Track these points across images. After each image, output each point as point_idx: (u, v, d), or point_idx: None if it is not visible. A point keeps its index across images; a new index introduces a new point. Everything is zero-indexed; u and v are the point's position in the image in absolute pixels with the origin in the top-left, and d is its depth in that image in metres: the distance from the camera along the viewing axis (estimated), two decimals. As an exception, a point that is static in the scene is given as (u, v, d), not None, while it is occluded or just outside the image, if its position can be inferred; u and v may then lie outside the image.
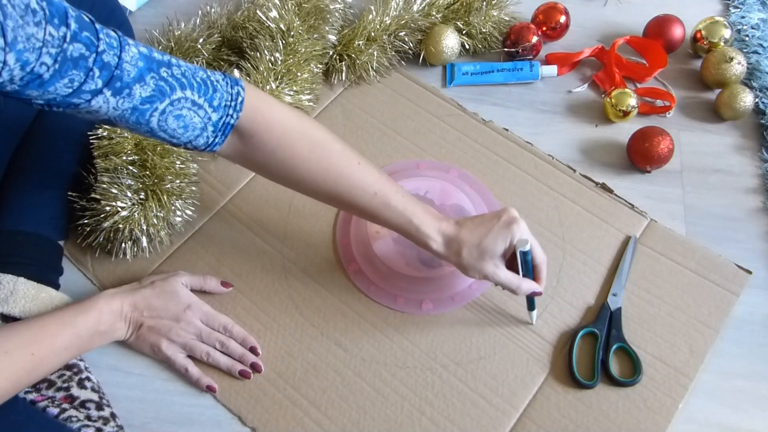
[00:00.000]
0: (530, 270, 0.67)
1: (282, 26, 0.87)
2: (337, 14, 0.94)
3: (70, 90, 0.50)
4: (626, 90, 0.88)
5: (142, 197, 0.74)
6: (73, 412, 0.64)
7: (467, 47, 0.96)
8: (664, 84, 0.94)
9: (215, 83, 0.58)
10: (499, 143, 0.87)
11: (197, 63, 0.87)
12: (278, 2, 0.89)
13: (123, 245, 0.75)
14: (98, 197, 0.73)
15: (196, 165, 0.82)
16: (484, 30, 0.95)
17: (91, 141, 0.76)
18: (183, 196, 0.78)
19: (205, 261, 0.78)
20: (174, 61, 0.56)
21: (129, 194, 0.73)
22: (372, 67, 0.92)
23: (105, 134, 0.76)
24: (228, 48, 0.92)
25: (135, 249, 0.76)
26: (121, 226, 0.73)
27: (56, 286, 0.73)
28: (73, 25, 0.48)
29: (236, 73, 0.84)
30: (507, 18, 0.97)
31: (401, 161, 0.86)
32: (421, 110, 0.90)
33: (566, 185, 0.83)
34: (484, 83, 0.94)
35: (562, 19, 0.96)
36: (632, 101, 0.87)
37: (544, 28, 0.96)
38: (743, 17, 0.99)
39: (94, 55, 0.50)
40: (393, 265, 0.75)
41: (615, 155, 0.87)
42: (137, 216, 0.73)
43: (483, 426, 0.67)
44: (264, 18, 0.87)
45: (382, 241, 0.77)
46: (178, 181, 0.77)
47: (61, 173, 0.77)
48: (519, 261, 0.65)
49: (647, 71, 0.93)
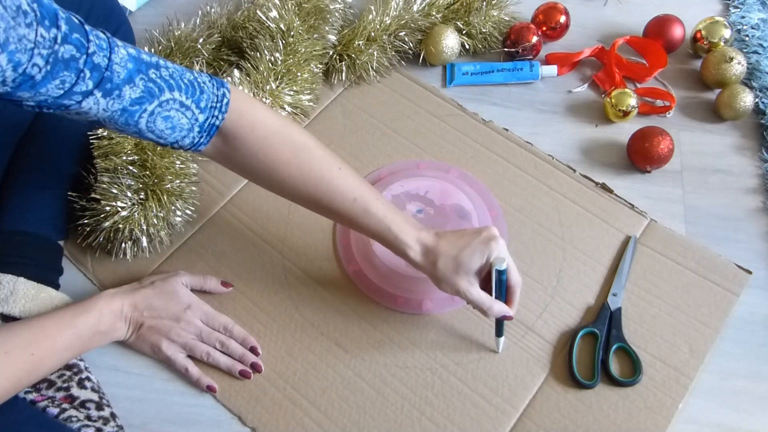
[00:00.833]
0: (504, 292, 0.65)
1: (282, 26, 0.87)
2: (337, 14, 0.94)
3: (62, 91, 0.50)
4: (626, 90, 0.88)
5: (142, 197, 0.74)
6: (73, 412, 0.64)
7: (467, 47, 0.96)
8: (664, 84, 0.94)
9: (202, 85, 0.59)
10: (499, 143, 0.87)
11: (197, 63, 0.87)
12: (278, 2, 0.89)
13: (123, 245, 0.75)
14: (98, 197, 0.73)
15: (196, 165, 0.82)
16: (484, 30, 0.95)
17: (91, 141, 0.76)
18: (183, 196, 0.78)
19: (205, 261, 0.78)
20: (162, 63, 0.56)
21: (129, 194, 0.73)
22: (372, 67, 0.92)
23: (105, 134, 0.76)
24: (228, 48, 0.92)
25: (135, 249, 0.76)
26: (121, 226, 0.73)
27: (56, 286, 0.73)
28: (64, 27, 0.48)
29: (236, 73, 0.84)
30: (507, 18, 0.98)
31: (401, 161, 0.86)
32: (421, 110, 0.90)
33: (566, 185, 0.83)
34: (484, 83, 0.94)
35: (562, 19, 0.96)
36: (632, 101, 0.87)
37: (544, 28, 0.96)
38: (743, 17, 0.99)
39: (85, 57, 0.50)
40: (393, 265, 0.75)
41: (615, 155, 0.87)
42: (137, 216, 0.73)
43: (483, 426, 0.67)
44: (264, 18, 0.87)
45: (382, 241, 0.77)
46: (178, 181, 0.77)
47: (61, 173, 0.77)
48: (493, 280, 0.64)
49: (647, 71, 0.93)
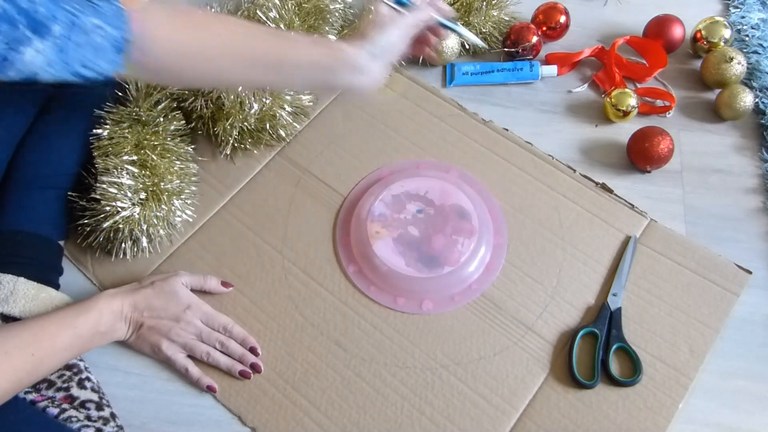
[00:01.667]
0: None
1: (282, 26, 0.87)
2: (337, 14, 0.94)
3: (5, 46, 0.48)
4: (626, 90, 0.88)
5: (142, 197, 0.74)
6: (73, 412, 0.64)
7: (467, 47, 0.96)
8: (664, 84, 0.94)
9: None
10: (499, 143, 0.87)
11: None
12: (278, 2, 0.88)
13: (123, 245, 0.75)
14: (98, 197, 0.73)
15: (196, 165, 0.82)
16: (484, 30, 0.95)
17: (91, 141, 0.76)
18: (183, 196, 0.78)
19: (205, 261, 0.78)
20: None
21: (129, 194, 0.73)
22: (372, 67, 0.92)
23: (105, 134, 0.76)
24: (228, 48, 0.92)
25: (135, 249, 0.76)
26: (121, 226, 0.73)
27: (56, 286, 0.73)
28: None
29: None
30: (507, 18, 0.97)
31: (401, 161, 0.86)
32: (421, 110, 0.90)
33: (566, 185, 0.83)
34: (484, 83, 0.93)
35: (562, 19, 0.96)
36: (632, 101, 0.87)
37: (544, 28, 0.96)
38: (743, 17, 0.99)
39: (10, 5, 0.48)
40: (393, 265, 0.75)
41: (615, 155, 0.87)
42: (137, 216, 0.73)
43: (483, 426, 0.67)
44: (264, 18, 0.87)
45: (382, 241, 0.77)
46: (178, 181, 0.77)
47: (61, 173, 0.77)
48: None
49: (647, 71, 0.93)
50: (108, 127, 0.76)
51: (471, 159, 0.86)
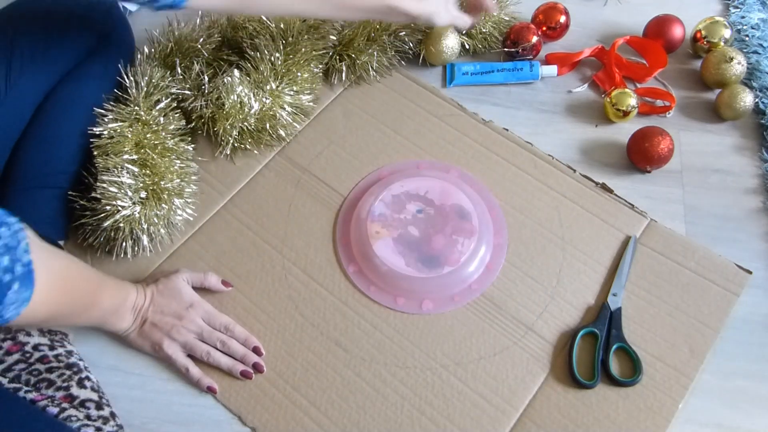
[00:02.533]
0: None
1: (282, 26, 0.87)
2: (338, 14, 0.94)
3: None
4: (626, 90, 0.88)
5: (143, 196, 0.74)
6: (73, 412, 0.64)
7: (467, 47, 0.96)
8: (664, 84, 0.94)
9: None
10: (499, 143, 0.87)
11: (197, 63, 0.87)
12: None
13: (124, 244, 0.75)
14: (98, 196, 0.73)
15: (197, 165, 0.82)
16: (484, 30, 0.95)
17: (91, 140, 0.76)
18: (183, 196, 0.78)
19: (205, 261, 0.78)
20: None
21: (129, 193, 0.73)
22: (372, 67, 0.92)
23: (105, 133, 0.76)
24: (228, 48, 0.92)
25: (136, 248, 0.76)
26: (122, 225, 0.73)
27: (56, 286, 0.73)
28: None
29: (236, 73, 0.84)
30: (507, 18, 0.97)
31: (401, 161, 0.86)
32: (421, 110, 0.90)
33: (566, 185, 0.83)
34: (484, 83, 0.94)
35: (562, 19, 0.96)
36: (632, 101, 0.87)
37: (544, 28, 0.96)
38: (743, 17, 0.99)
39: None
40: (393, 265, 0.75)
41: (615, 155, 0.87)
42: (138, 215, 0.73)
43: (483, 426, 0.67)
44: (264, 18, 0.87)
45: (382, 241, 0.77)
46: (179, 181, 0.77)
47: (61, 173, 0.77)
48: None
49: (647, 71, 0.93)
50: (108, 126, 0.76)
51: (471, 159, 0.86)
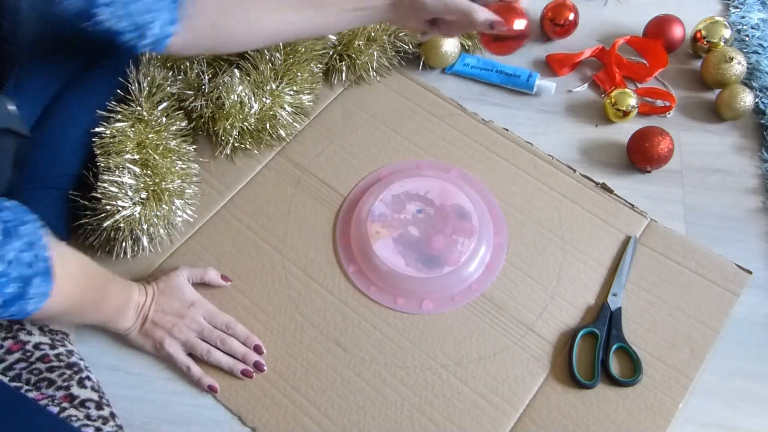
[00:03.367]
0: None
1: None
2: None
3: None
4: (626, 90, 0.88)
5: (144, 197, 0.74)
6: (73, 411, 0.64)
7: (467, 48, 0.96)
8: (664, 84, 0.94)
9: None
10: (499, 143, 0.87)
11: (197, 63, 0.87)
12: (278, 2, 0.89)
13: (124, 244, 0.75)
14: (99, 196, 0.73)
15: (197, 165, 0.82)
16: (484, 30, 0.95)
17: (93, 140, 0.76)
18: (184, 196, 0.78)
19: (205, 261, 0.78)
20: None
21: (130, 193, 0.73)
22: (372, 67, 0.92)
23: (107, 133, 0.76)
24: (228, 48, 0.92)
25: (136, 248, 0.76)
26: (122, 225, 0.73)
27: (56, 286, 0.73)
28: None
29: (236, 73, 0.84)
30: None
31: (401, 161, 0.86)
32: (421, 110, 0.90)
33: (566, 185, 0.83)
34: (481, 79, 0.94)
35: (571, 17, 0.95)
36: (632, 101, 0.87)
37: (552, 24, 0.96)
38: (743, 17, 0.99)
39: None
40: (393, 265, 0.75)
41: (615, 155, 0.87)
42: (138, 215, 0.73)
43: (483, 426, 0.67)
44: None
45: (382, 241, 0.77)
46: (179, 181, 0.77)
47: (63, 174, 0.77)
48: None
49: (647, 71, 0.93)
50: (111, 126, 0.76)
51: (471, 159, 0.86)
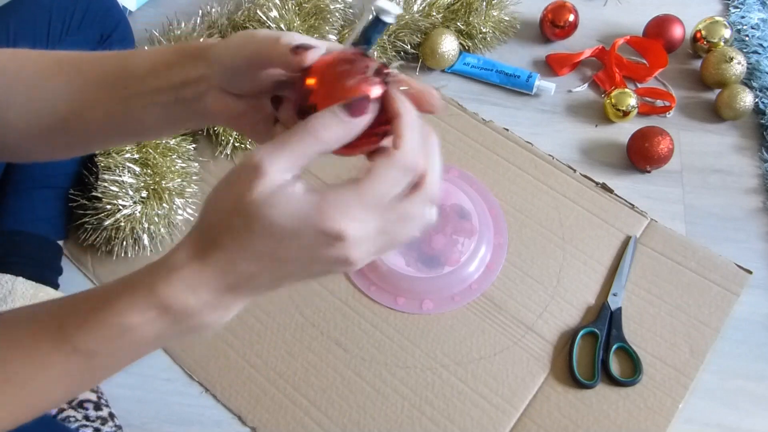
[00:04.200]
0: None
1: (282, 26, 0.87)
2: (337, 14, 0.94)
3: None
4: (626, 90, 0.88)
5: (144, 196, 0.74)
6: (71, 412, 0.64)
7: (467, 48, 0.96)
8: (664, 84, 0.94)
9: None
10: (499, 143, 0.87)
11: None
12: (278, 2, 0.88)
13: (124, 243, 0.75)
14: (99, 195, 0.73)
15: (197, 164, 0.82)
16: (484, 30, 0.95)
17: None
18: (184, 196, 0.78)
19: (205, 260, 0.78)
20: None
21: (130, 192, 0.73)
22: (372, 67, 0.92)
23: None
24: (228, 47, 0.92)
25: (136, 248, 0.76)
26: (123, 224, 0.73)
27: (55, 286, 0.73)
28: None
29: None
30: (507, 18, 0.97)
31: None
32: (422, 110, 0.90)
33: (566, 185, 0.83)
34: (480, 78, 0.94)
35: (571, 18, 0.95)
36: (632, 101, 0.87)
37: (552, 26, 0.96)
38: (743, 17, 0.99)
39: None
40: (393, 265, 0.75)
41: (615, 155, 0.87)
42: (138, 214, 0.73)
43: (483, 426, 0.67)
44: (264, 18, 0.87)
45: (383, 241, 0.77)
46: (180, 180, 0.77)
47: (62, 173, 0.77)
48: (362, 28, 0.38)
49: (647, 71, 0.93)
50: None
51: (471, 159, 0.86)
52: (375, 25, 0.38)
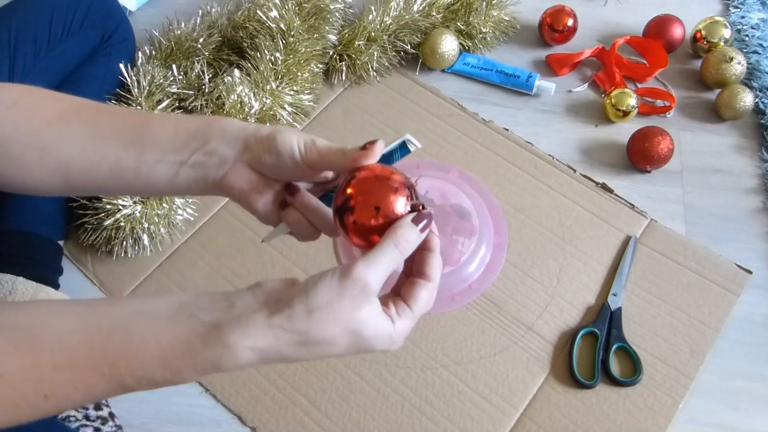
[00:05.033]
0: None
1: (282, 26, 0.87)
2: (338, 14, 0.94)
3: None
4: (626, 90, 0.88)
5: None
6: (72, 412, 0.64)
7: (467, 48, 0.96)
8: (664, 84, 0.94)
9: None
10: (499, 143, 0.87)
11: (198, 63, 0.87)
12: (278, 2, 0.89)
13: (124, 243, 0.75)
14: (99, 195, 0.73)
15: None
16: (484, 30, 0.95)
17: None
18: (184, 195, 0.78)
19: (205, 261, 0.78)
20: None
21: (129, 193, 0.73)
22: (372, 67, 0.92)
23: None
24: (228, 48, 0.92)
25: (136, 247, 0.76)
26: (123, 224, 0.73)
27: (56, 286, 0.73)
28: None
29: (236, 73, 0.84)
30: (507, 18, 0.97)
31: (401, 161, 0.86)
32: (421, 110, 0.90)
33: (566, 185, 0.83)
34: (481, 78, 0.94)
35: (570, 22, 0.95)
36: (632, 101, 0.87)
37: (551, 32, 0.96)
38: (743, 17, 0.99)
39: None
40: (393, 265, 0.75)
41: (615, 155, 0.87)
42: (139, 214, 0.73)
43: (483, 426, 0.67)
44: (264, 18, 0.87)
45: (383, 241, 0.77)
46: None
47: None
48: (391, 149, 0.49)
49: (647, 71, 0.93)
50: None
51: (471, 159, 0.86)
52: (401, 149, 0.51)
